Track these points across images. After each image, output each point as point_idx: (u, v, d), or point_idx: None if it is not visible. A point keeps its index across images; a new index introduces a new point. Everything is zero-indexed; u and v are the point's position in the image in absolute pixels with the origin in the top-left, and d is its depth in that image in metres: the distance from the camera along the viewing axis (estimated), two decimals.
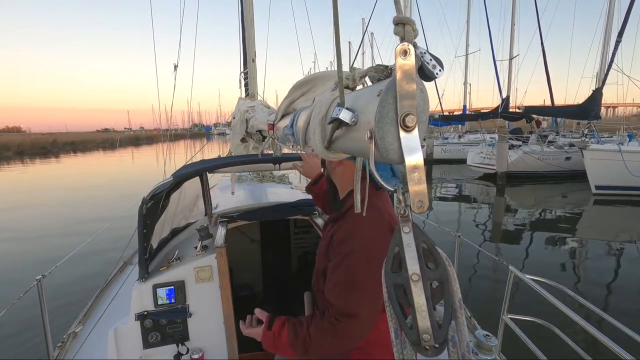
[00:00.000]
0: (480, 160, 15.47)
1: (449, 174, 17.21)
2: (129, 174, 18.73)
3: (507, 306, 2.03)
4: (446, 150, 20.66)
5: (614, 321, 1.52)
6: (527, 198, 11.96)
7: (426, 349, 0.45)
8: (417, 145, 0.44)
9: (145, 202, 1.66)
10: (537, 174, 13.87)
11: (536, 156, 13.81)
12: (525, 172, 13.81)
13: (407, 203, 0.46)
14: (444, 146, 20.76)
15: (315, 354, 1.10)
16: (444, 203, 11.38)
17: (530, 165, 13.79)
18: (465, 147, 19.50)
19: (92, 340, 2.06)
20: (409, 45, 0.43)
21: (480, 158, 15.49)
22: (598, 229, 8.31)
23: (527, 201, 11.49)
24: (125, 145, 48.72)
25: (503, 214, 9.84)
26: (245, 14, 3.74)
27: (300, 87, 1.28)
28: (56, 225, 8.67)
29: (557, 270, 5.72)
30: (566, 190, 12.52)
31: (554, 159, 13.94)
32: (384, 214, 1.16)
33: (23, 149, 34.96)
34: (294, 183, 4.24)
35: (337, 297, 1.06)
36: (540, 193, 12.48)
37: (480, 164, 15.40)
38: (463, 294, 0.49)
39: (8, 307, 1.79)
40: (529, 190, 13.01)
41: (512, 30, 17.49)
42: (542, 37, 14.46)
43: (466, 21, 25.33)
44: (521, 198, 12.09)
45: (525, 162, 13.77)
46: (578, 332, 1.62)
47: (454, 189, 13.77)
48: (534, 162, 13.79)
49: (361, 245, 1.06)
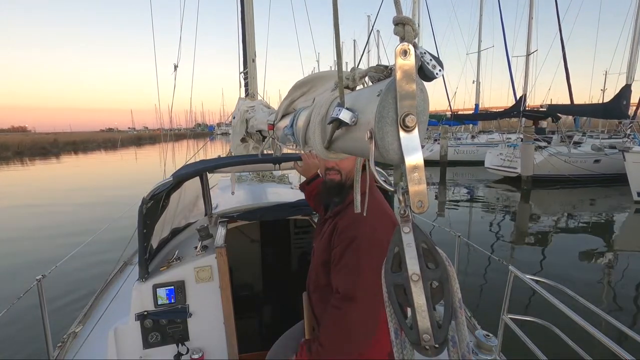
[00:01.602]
0: (499, 162, 14.43)
1: (462, 177, 16.09)
2: (128, 174, 18.72)
3: (507, 306, 2.03)
4: (459, 151, 19.51)
5: (614, 321, 1.52)
6: (553, 204, 10.85)
7: (426, 349, 0.45)
8: (417, 145, 0.44)
9: (145, 202, 1.66)
10: (564, 177, 12.78)
11: (563, 158, 12.70)
12: (550, 175, 12.69)
13: (407, 203, 0.46)
14: (457, 147, 19.60)
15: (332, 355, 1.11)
16: (459, 209, 10.32)
17: (556, 169, 12.65)
18: (480, 148, 18.74)
19: (92, 340, 2.06)
20: (409, 45, 0.43)
21: (499, 160, 14.46)
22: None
23: (554, 208, 10.37)
24: (128, 145, 48.57)
25: (528, 222, 8.75)
26: (246, 13, 3.74)
27: (300, 87, 1.28)
28: (56, 225, 8.67)
29: (597, 290, 4.89)
30: (596, 196, 11.55)
31: (582, 162, 12.84)
32: (384, 205, 1.23)
33: (22, 149, 34.64)
34: (294, 183, 4.24)
35: (344, 280, 1.11)
36: (568, 199, 11.38)
37: (500, 166, 14.31)
38: (463, 294, 0.49)
39: (8, 307, 1.78)
40: (555, 195, 11.90)
41: (530, 24, 16.27)
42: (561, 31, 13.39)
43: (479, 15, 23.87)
44: (547, 204, 10.92)
45: (551, 164, 12.64)
46: (578, 332, 1.61)
47: (469, 194, 12.64)
48: (561, 164, 12.68)
49: (364, 230, 1.11)
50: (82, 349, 2.02)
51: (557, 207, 10.30)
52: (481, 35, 24.53)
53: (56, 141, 40.27)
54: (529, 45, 16.52)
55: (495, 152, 15.15)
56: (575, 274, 5.43)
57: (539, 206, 10.60)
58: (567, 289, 1.84)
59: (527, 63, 16.40)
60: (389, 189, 0.51)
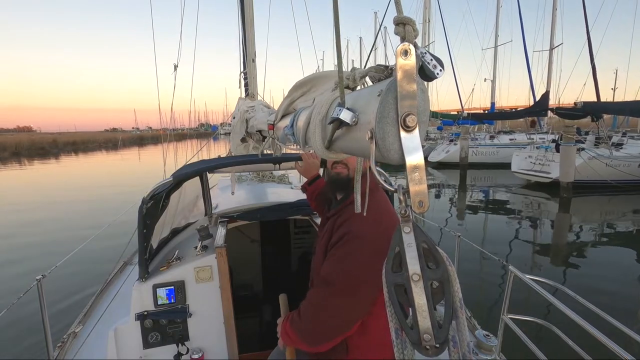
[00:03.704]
0: (529, 166, 12.91)
1: (482, 181, 14.57)
2: (128, 175, 18.72)
3: (507, 306, 2.03)
4: (477, 152, 17.72)
5: (614, 321, 1.52)
6: (595, 214, 9.47)
7: (427, 348, 0.45)
8: (417, 145, 0.44)
9: (145, 202, 1.66)
10: (604, 183, 11.28)
11: (605, 162, 11.17)
12: (590, 181, 11.17)
13: (407, 203, 0.46)
14: (475, 148, 17.70)
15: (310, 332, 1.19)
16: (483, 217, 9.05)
17: (597, 173, 11.12)
18: (500, 150, 17.44)
19: (92, 340, 2.06)
20: (410, 45, 0.43)
21: (528, 164, 12.96)
22: None
23: (596, 217, 9.08)
24: (130, 146, 48.35)
25: (567, 235, 7.63)
26: (246, 13, 3.74)
27: (300, 87, 1.28)
28: (56, 225, 8.67)
29: None
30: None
31: (626, 166, 11.31)
32: (384, 204, 1.26)
33: (20, 150, 34.01)
34: (294, 183, 4.24)
35: (327, 267, 1.17)
36: (612, 207, 10.00)
37: (529, 170, 12.76)
38: (463, 294, 0.49)
39: (8, 307, 1.78)
40: (597, 203, 10.45)
41: (554, 15, 15.06)
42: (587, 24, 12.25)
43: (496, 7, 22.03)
44: (587, 213, 9.55)
45: (591, 169, 11.09)
46: (578, 332, 1.61)
47: (493, 200, 11.23)
48: (602, 169, 11.13)
49: (359, 226, 1.16)
50: (82, 349, 2.02)
51: (599, 217, 9.07)
52: (498, 29, 22.81)
53: (55, 141, 39.82)
54: (552, 39, 15.26)
55: (523, 154, 13.52)
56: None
57: (578, 216, 9.28)
58: (567, 289, 1.84)
59: (551, 57, 15.20)
60: (389, 188, 0.51)
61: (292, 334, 1.22)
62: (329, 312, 1.14)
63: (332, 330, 1.17)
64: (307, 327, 1.19)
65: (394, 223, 1.18)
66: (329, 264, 1.18)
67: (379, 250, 1.07)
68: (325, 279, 1.16)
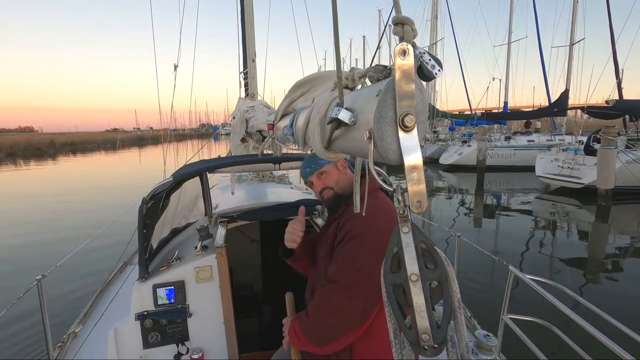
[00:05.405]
0: (556, 170, 11.81)
1: (500, 185, 13.63)
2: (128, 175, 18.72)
3: (507, 306, 2.02)
4: (493, 155, 16.40)
5: (614, 321, 1.52)
6: (633, 224, 8.53)
7: (425, 349, 0.45)
8: (416, 145, 0.44)
9: (145, 202, 1.66)
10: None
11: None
12: (628, 187, 10.06)
13: (406, 203, 0.46)
14: (490, 150, 16.25)
15: (317, 332, 1.20)
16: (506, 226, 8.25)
17: (637, 179, 10.04)
18: (518, 152, 16.31)
19: (92, 340, 2.06)
20: (408, 45, 0.43)
21: (555, 167, 11.85)
22: None
23: (634, 228, 8.21)
24: (129, 146, 48.15)
25: (605, 248, 6.89)
26: (246, 13, 3.74)
27: (300, 87, 1.28)
28: (56, 225, 8.67)
29: None
30: None
31: None
32: (386, 203, 1.29)
33: (15, 150, 33.23)
34: (294, 183, 4.24)
35: (333, 266, 1.20)
36: None
37: (557, 175, 11.66)
38: (463, 294, 0.49)
39: (8, 307, 1.79)
40: (638, 212, 9.30)
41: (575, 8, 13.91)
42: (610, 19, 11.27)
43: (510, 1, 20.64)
44: (626, 224, 8.57)
45: (630, 173, 9.95)
46: (578, 332, 1.61)
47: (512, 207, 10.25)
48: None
49: (361, 225, 1.18)
50: (82, 349, 2.02)
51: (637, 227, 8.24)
52: (511, 25, 21.25)
53: (52, 142, 39.15)
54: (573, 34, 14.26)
55: (548, 157, 12.45)
56: None
57: (617, 226, 8.42)
58: (567, 289, 1.84)
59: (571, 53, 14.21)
60: (388, 189, 0.51)
61: (300, 334, 1.23)
62: (332, 308, 1.16)
63: (336, 329, 1.17)
64: (313, 325, 1.21)
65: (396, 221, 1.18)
66: (333, 264, 1.21)
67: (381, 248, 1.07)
68: (330, 278, 1.18)
